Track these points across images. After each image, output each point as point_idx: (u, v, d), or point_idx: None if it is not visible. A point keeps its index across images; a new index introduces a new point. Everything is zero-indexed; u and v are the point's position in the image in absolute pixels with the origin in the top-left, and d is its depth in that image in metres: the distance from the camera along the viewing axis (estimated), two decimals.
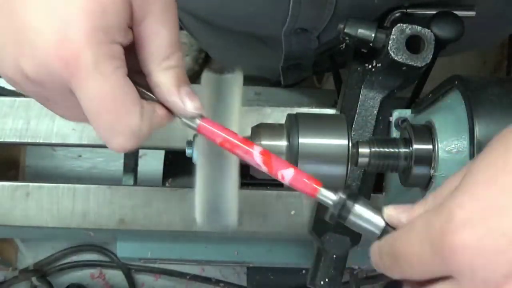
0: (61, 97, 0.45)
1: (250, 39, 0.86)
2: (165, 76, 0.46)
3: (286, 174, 0.48)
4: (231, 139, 0.48)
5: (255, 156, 0.48)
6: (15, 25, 0.42)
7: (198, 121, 0.48)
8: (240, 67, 0.54)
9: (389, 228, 0.45)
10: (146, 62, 0.46)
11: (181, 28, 0.98)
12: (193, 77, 1.65)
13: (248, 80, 1.00)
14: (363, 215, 0.47)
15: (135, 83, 0.45)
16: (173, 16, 0.46)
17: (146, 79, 0.47)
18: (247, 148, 0.48)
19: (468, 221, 0.36)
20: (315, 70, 0.93)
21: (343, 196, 0.47)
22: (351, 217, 0.47)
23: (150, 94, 0.47)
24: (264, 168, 0.49)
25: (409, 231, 0.40)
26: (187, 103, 0.47)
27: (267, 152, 0.49)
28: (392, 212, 0.45)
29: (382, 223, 0.46)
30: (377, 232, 0.46)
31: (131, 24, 0.44)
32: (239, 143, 0.48)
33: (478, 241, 0.35)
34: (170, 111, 0.48)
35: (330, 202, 0.47)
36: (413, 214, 0.43)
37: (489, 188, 0.36)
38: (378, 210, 0.47)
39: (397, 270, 0.42)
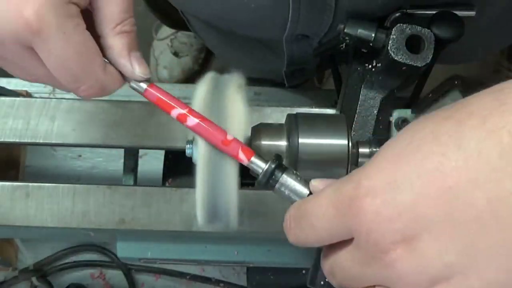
0: (20, 57, 0.47)
1: (254, 43, 0.86)
2: (117, 39, 0.50)
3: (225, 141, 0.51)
4: (172, 103, 0.52)
5: (189, 120, 0.51)
6: None
7: (144, 86, 0.52)
8: (240, 68, 0.55)
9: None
10: (100, 26, 0.49)
11: (187, 28, 0.98)
12: (193, 77, 1.65)
13: (251, 81, 1.01)
14: (289, 185, 0.49)
15: None
16: None
17: (99, 41, 0.50)
18: (185, 109, 0.51)
19: (371, 190, 0.39)
20: (318, 71, 0.93)
21: (272, 166, 0.49)
22: (277, 186, 0.49)
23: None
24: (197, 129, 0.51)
25: (318, 195, 0.43)
26: (135, 66, 0.50)
27: (205, 120, 0.51)
28: (316, 183, 0.48)
29: (306, 192, 0.48)
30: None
31: None
32: (179, 109, 0.51)
33: (376, 208, 0.39)
34: (120, 74, 0.51)
35: (260, 170, 0.50)
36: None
37: (392, 164, 0.39)
38: (305, 181, 0.49)
39: (299, 232, 0.45)
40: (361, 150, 0.59)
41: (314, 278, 0.68)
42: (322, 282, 0.67)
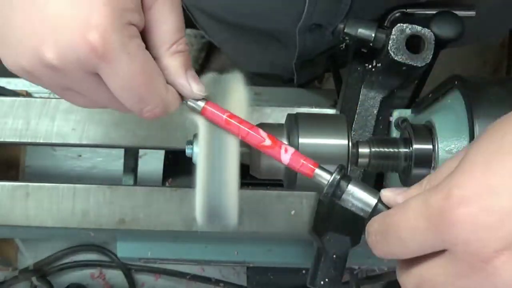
0: (83, 83, 0.47)
1: (263, 36, 0.86)
2: (173, 59, 0.49)
3: (286, 154, 0.51)
4: (232, 121, 0.51)
5: (261, 132, 0.51)
6: (36, 17, 0.43)
7: (202, 104, 0.51)
8: (248, 63, 0.55)
9: (381, 206, 0.48)
10: (155, 46, 0.49)
11: (193, 25, 0.98)
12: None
13: (258, 77, 1.01)
14: (356, 194, 0.49)
15: None
16: (178, 2, 0.49)
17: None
18: (251, 127, 0.51)
19: (464, 198, 0.38)
20: (328, 66, 0.92)
21: (338, 176, 0.49)
22: (344, 196, 0.49)
23: None
24: (268, 142, 0.51)
25: (404, 207, 0.42)
26: (193, 85, 0.50)
27: (271, 136, 0.51)
28: (388, 193, 0.48)
29: (373, 201, 0.48)
30: (368, 209, 0.48)
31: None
32: (243, 126, 0.51)
33: (473, 217, 0.38)
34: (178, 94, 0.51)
35: (325, 182, 0.50)
36: (409, 195, 0.45)
37: (485, 169, 0.39)
38: (370, 189, 0.49)
39: (386, 246, 0.44)
40: (361, 150, 0.59)
41: (314, 278, 0.68)
42: (322, 282, 0.67)
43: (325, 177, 0.50)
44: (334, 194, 0.49)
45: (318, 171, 0.50)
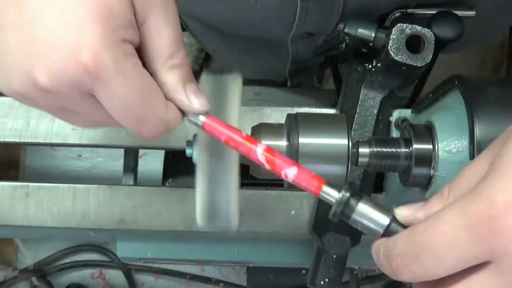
0: (79, 104, 0.45)
1: (256, 44, 0.86)
2: (170, 74, 0.47)
3: (290, 172, 0.48)
4: (235, 136, 0.48)
5: (259, 154, 0.49)
6: (27, 39, 0.41)
7: (203, 119, 0.48)
8: (241, 70, 0.54)
9: (395, 226, 0.45)
10: (151, 62, 0.46)
11: (184, 31, 0.98)
12: (195, 77, 1.65)
13: (251, 82, 1.00)
14: (366, 213, 0.46)
15: None
16: (174, 14, 0.47)
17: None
18: (250, 146, 0.49)
19: (510, 204, 0.36)
20: (320, 69, 0.93)
21: (347, 195, 0.46)
22: (354, 216, 0.46)
23: None
24: (267, 167, 0.49)
25: (437, 222, 0.40)
26: (193, 100, 0.47)
27: (271, 150, 0.49)
28: (406, 212, 0.45)
29: (386, 222, 0.45)
30: (380, 230, 0.45)
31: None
32: (243, 141, 0.49)
33: None
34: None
35: (333, 200, 0.47)
36: (431, 209, 0.43)
37: None
38: (382, 208, 0.46)
39: (419, 267, 0.41)
40: (361, 150, 0.59)
41: (314, 278, 0.68)
42: (322, 282, 0.67)
43: (333, 195, 0.47)
44: (343, 213, 0.47)
45: (325, 188, 0.47)
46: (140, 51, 0.46)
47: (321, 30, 0.74)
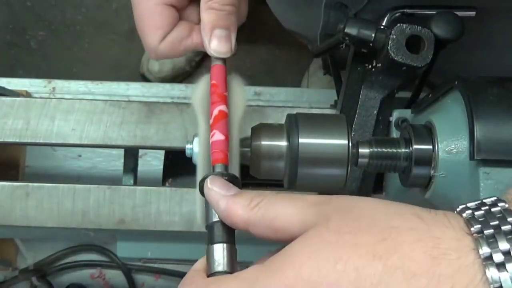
0: None
1: None
2: (205, 14, 0.54)
3: (214, 136, 0.50)
4: (214, 94, 0.52)
5: (214, 112, 0.52)
6: None
7: (214, 63, 0.55)
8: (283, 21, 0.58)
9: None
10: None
11: None
12: (181, 77, 1.66)
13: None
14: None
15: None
16: None
17: None
18: (214, 104, 0.52)
19: None
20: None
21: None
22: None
23: None
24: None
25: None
26: (212, 43, 0.54)
27: (220, 114, 0.52)
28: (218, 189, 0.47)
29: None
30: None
31: None
32: (216, 98, 0.52)
33: None
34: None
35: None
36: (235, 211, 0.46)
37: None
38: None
39: None
40: (361, 150, 0.59)
41: None
42: None
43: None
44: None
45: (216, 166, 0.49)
46: None
47: (354, 2, 0.74)
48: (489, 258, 0.37)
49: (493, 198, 0.42)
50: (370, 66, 0.69)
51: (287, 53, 1.72)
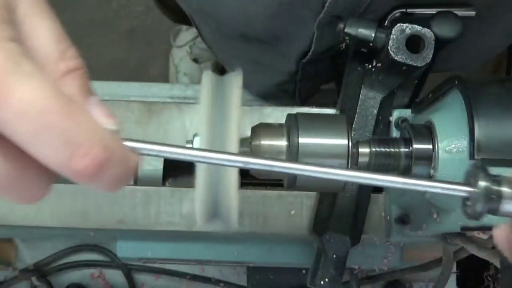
0: None
1: (266, 48, 0.84)
2: (67, 85, 0.36)
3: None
4: None
5: None
6: None
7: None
8: (250, 83, 0.52)
9: None
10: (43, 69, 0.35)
11: (190, 23, 0.97)
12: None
13: (260, 97, 1.00)
14: None
15: None
16: (46, 3, 0.38)
17: None
18: None
19: None
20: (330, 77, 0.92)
21: None
22: None
23: None
24: None
25: None
26: (100, 118, 0.38)
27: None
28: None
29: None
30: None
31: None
32: None
33: None
34: None
35: None
36: None
37: None
38: None
39: None
40: (361, 150, 0.59)
41: (314, 278, 0.68)
42: (322, 282, 0.67)
43: None
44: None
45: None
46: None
47: (351, 12, 0.70)
48: None
49: None
50: (370, 66, 0.69)
51: None
